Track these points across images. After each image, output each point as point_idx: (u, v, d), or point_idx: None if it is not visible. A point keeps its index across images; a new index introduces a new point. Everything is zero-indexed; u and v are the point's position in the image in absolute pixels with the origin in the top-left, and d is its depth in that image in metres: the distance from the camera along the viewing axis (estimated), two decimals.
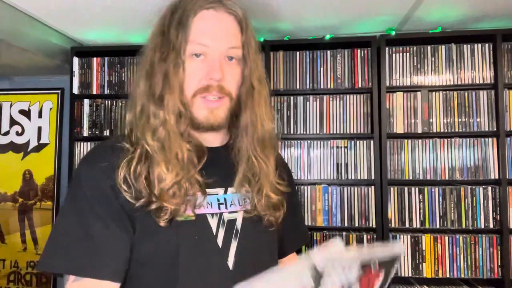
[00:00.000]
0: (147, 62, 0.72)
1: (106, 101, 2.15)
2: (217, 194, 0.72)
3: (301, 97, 2.02)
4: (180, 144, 0.68)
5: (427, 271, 1.86)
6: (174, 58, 0.69)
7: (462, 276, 1.84)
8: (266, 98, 0.78)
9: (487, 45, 1.92)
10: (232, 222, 0.72)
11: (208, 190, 0.70)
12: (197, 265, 0.67)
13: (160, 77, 0.69)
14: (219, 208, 0.71)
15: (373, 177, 1.94)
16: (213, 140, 0.77)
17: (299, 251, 0.96)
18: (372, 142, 1.96)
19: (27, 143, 2.56)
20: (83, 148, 2.15)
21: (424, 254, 1.87)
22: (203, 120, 0.71)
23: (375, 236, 1.91)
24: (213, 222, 0.70)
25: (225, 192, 0.73)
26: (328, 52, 2.02)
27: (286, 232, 0.85)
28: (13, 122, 2.58)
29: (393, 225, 1.91)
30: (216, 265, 0.68)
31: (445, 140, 1.93)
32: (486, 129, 1.89)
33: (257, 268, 0.72)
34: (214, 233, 0.69)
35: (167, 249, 0.65)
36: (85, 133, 2.14)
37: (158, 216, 0.64)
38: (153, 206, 0.64)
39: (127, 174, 0.66)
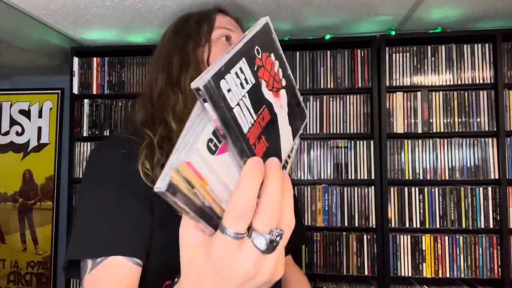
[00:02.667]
0: (160, 56, 0.80)
1: (106, 101, 2.15)
2: None
3: (301, 97, 2.02)
4: None
5: (427, 271, 1.86)
6: (194, 43, 0.77)
7: (462, 276, 1.84)
8: None
9: (487, 45, 1.92)
10: None
11: None
12: None
13: (178, 63, 0.76)
14: None
15: (373, 177, 1.94)
16: None
17: (298, 252, 0.96)
18: (372, 142, 1.96)
19: (27, 143, 2.56)
20: (83, 148, 2.15)
21: (424, 254, 1.87)
22: None
23: (375, 236, 1.91)
24: None
25: None
26: (328, 52, 2.02)
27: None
28: (13, 122, 2.58)
29: (393, 225, 1.91)
30: None
31: (445, 140, 1.93)
32: (486, 129, 1.89)
33: None
34: None
35: (176, 239, 0.66)
36: (85, 133, 2.14)
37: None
38: None
39: (145, 161, 0.68)
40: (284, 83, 0.41)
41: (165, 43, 0.81)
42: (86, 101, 2.16)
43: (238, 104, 0.33)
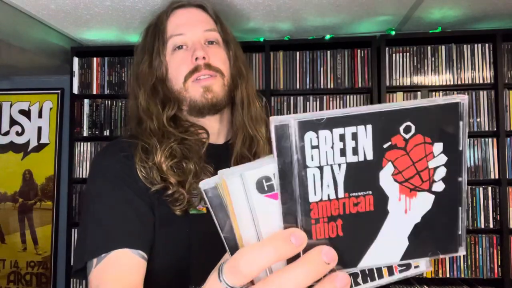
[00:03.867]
0: (135, 79, 0.82)
1: (106, 101, 2.15)
2: None
3: (301, 97, 2.02)
4: (173, 134, 0.74)
5: (427, 271, 1.86)
6: (159, 62, 0.78)
7: (462, 276, 1.84)
8: (252, 82, 0.86)
9: (487, 45, 1.92)
10: None
11: None
12: (209, 256, 0.68)
13: (137, 84, 0.79)
14: None
15: None
16: (217, 138, 0.81)
17: None
18: None
19: (27, 143, 2.56)
20: (83, 148, 2.14)
21: None
22: (201, 99, 0.75)
23: None
24: None
25: None
26: (328, 52, 2.02)
27: None
28: (13, 122, 2.58)
29: None
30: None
31: None
32: (486, 129, 1.89)
33: None
34: None
35: (179, 240, 0.68)
36: (85, 133, 2.14)
37: (174, 205, 0.67)
38: (169, 191, 0.67)
39: (141, 164, 0.70)
40: (437, 187, 0.30)
41: (135, 61, 0.85)
42: (86, 101, 2.16)
43: (320, 168, 0.28)
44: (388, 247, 0.30)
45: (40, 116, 2.57)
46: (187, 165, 0.69)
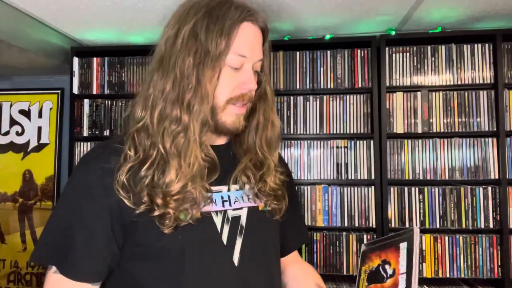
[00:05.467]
0: (173, 65, 0.69)
1: (106, 101, 2.15)
2: (221, 192, 0.73)
3: (301, 97, 2.02)
4: (196, 153, 0.67)
5: (427, 271, 1.86)
6: (211, 67, 0.68)
7: (462, 276, 1.84)
8: (274, 101, 0.82)
9: (487, 45, 1.92)
10: (236, 219, 0.72)
11: (212, 188, 0.71)
12: (203, 262, 0.68)
13: (193, 84, 0.67)
14: (223, 206, 0.72)
15: (373, 177, 1.94)
16: (219, 139, 0.78)
17: (298, 251, 0.97)
18: (372, 142, 1.96)
19: (27, 143, 2.56)
20: (83, 148, 2.15)
21: (424, 254, 1.87)
22: (231, 125, 0.72)
23: (375, 236, 1.91)
24: (217, 220, 0.70)
25: (229, 189, 0.74)
26: (328, 52, 2.02)
27: (286, 231, 0.86)
28: (13, 122, 2.58)
29: (393, 225, 1.91)
30: (222, 262, 0.69)
31: (445, 140, 1.93)
32: (486, 129, 1.89)
33: (262, 263, 0.74)
34: (219, 230, 0.70)
35: (172, 249, 0.66)
36: (85, 133, 2.14)
37: (161, 223, 0.64)
38: (156, 213, 0.64)
39: (128, 179, 0.65)
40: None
41: (177, 46, 0.69)
42: (86, 101, 2.16)
43: None
44: None
45: (40, 116, 2.57)
46: (191, 191, 0.65)
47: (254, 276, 0.72)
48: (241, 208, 0.74)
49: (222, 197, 0.72)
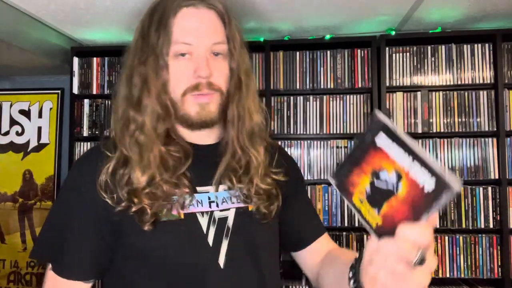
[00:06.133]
0: (126, 67, 0.73)
1: (106, 101, 2.15)
2: (208, 192, 0.72)
3: (301, 97, 2.02)
4: (159, 148, 0.68)
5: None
6: (154, 61, 0.69)
7: (462, 276, 1.84)
8: (254, 91, 0.78)
9: (487, 45, 1.92)
10: (223, 220, 0.71)
11: (198, 189, 0.70)
12: (187, 264, 0.67)
13: (139, 81, 0.70)
14: (210, 207, 0.71)
15: None
16: (207, 137, 0.76)
17: None
18: None
19: (27, 143, 2.56)
20: (83, 148, 2.15)
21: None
22: (195, 116, 0.70)
23: None
24: (203, 221, 0.69)
25: (217, 190, 0.73)
26: (328, 52, 2.02)
27: (302, 222, 0.85)
28: (13, 122, 2.58)
29: None
30: (207, 264, 0.68)
31: (445, 140, 1.92)
32: (486, 129, 1.89)
33: (251, 264, 0.72)
34: (205, 231, 0.69)
35: (154, 249, 0.66)
36: (85, 133, 2.14)
37: (140, 220, 0.65)
38: (133, 209, 0.65)
39: (108, 179, 0.67)
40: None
41: (131, 48, 0.73)
42: (86, 101, 2.16)
43: None
44: None
45: (40, 116, 2.57)
46: (160, 184, 0.66)
47: (241, 278, 0.70)
48: (228, 209, 0.72)
49: (209, 198, 0.71)
